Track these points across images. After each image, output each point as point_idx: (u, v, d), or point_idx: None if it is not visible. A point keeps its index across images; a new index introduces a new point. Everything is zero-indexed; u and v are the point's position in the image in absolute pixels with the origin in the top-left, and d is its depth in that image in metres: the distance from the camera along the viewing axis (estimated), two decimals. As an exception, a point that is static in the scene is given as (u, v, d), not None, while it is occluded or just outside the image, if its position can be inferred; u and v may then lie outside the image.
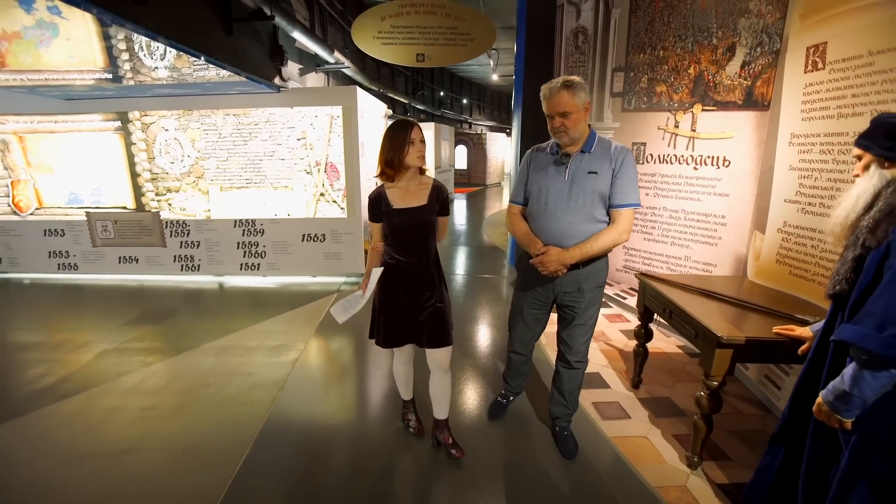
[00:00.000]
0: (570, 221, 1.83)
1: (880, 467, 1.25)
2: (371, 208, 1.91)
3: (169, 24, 2.36)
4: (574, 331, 2.02)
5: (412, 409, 2.33)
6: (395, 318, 1.95)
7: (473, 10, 5.16)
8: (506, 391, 2.46)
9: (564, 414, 2.20)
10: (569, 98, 1.75)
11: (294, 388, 2.76)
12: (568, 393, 2.14)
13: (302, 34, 4.70)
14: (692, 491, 1.94)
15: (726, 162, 2.98)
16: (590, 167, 1.82)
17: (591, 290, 1.95)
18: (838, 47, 2.09)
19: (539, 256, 1.84)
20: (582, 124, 1.80)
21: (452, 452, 2.11)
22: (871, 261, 1.23)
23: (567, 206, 1.83)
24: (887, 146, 1.25)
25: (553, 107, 1.78)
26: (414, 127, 1.82)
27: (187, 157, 4.77)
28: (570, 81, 1.77)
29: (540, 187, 1.90)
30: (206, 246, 4.98)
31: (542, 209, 1.89)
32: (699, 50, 3.08)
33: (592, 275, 1.93)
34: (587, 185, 1.81)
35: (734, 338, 1.81)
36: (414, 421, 2.30)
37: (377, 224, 1.94)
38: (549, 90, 1.80)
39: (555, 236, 1.85)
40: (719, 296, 2.26)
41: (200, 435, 2.30)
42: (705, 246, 3.20)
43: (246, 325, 3.76)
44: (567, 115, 1.76)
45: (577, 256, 1.81)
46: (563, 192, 1.84)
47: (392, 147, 1.80)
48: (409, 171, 1.86)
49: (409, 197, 1.88)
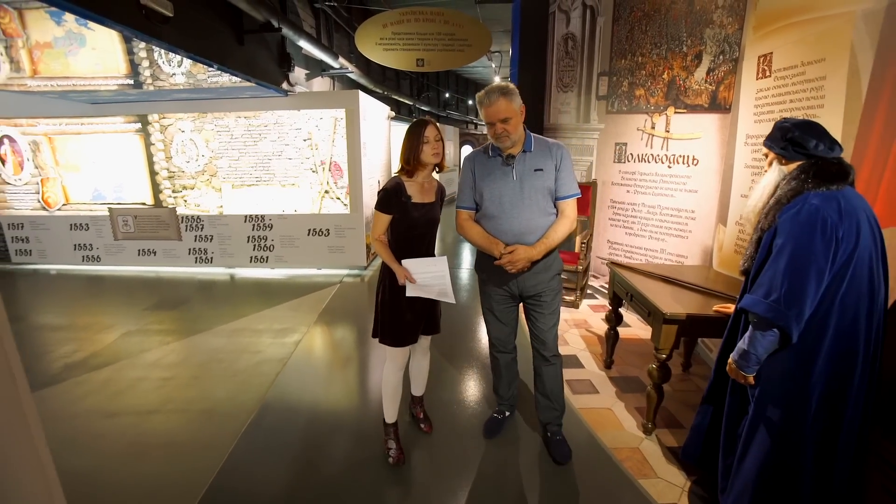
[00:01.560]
0: (527, 218, 1.90)
1: (774, 413, 1.50)
2: (387, 198, 1.89)
3: (188, 38, 2.68)
4: (544, 322, 2.05)
5: (394, 434, 2.12)
6: (407, 318, 1.97)
7: (470, 17, 5.44)
8: (500, 405, 2.39)
9: (554, 417, 2.19)
10: (507, 104, 1.80)
11: (296, 364, 3.07)
12: (552, 393, 2.15)
13: (308, 43, 5.01)
14: (643, 451, 2.20)
15: (695, 160, 3.22)
16: (534, 165, 1.89)
17: (553, 278, 2.03)
18: (781, 57, 2.33)
19: (506, 256, 1.87)
20: (520, 127, 1.87)
21: (422, 427, 2.30)
22: (765, 241, 1.49)
23: (522, 203, 1.89)
24: (782, 146, 1.51)
25: (494, 114, 1.81)
26: (428, 125, 1.86)
27: (202, 157, 5.12)
28: (506, 88, 1.82)
29: (492, 190, 1.92)
30: (219, 240, 5.32)
31: (498, 210, 1.92)
32: (672, 57, 3.32)
33: (552, 265, 2.01)
34: (536, 182, 1.88)
35: (677, 314, 2.06)
36: (395, 450, 2.09)
37: (386, 216, 1.92)
38: (487, 98, 1.83)
39: (516, 234, 1.90)
40: (674, 280, 2.51)
41: (214, 400, 2.62)
42: (678, 239, 3.44)
43: (254, 312, 4.08)
44: (507, 121, 1.81)
45: (542, 251, 1.88)
46: (516, 191, 1.89)
47: (409, 146, 1.86)
48: (427, 169, 1.92)
49: (425, 193, 1.95)
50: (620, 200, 3.97)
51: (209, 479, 1.99)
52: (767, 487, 1.52)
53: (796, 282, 1.35)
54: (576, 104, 4.44)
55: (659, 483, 1.99)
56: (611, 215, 4.10)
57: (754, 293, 1.45)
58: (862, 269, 1.35)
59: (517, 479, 2.03)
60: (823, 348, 1.40)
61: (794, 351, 1.43)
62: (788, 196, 1.44)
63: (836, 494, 1.46)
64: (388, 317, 1.98)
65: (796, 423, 1.46)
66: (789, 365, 1.45)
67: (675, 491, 1.95)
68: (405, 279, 1.89)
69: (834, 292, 1.36)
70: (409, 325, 1.99)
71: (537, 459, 2.15)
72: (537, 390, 2.20)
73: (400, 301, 1.94)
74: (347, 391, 2.81)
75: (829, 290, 1.36)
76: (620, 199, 3.96)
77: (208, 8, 3.06)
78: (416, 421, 2.35)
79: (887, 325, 1.44)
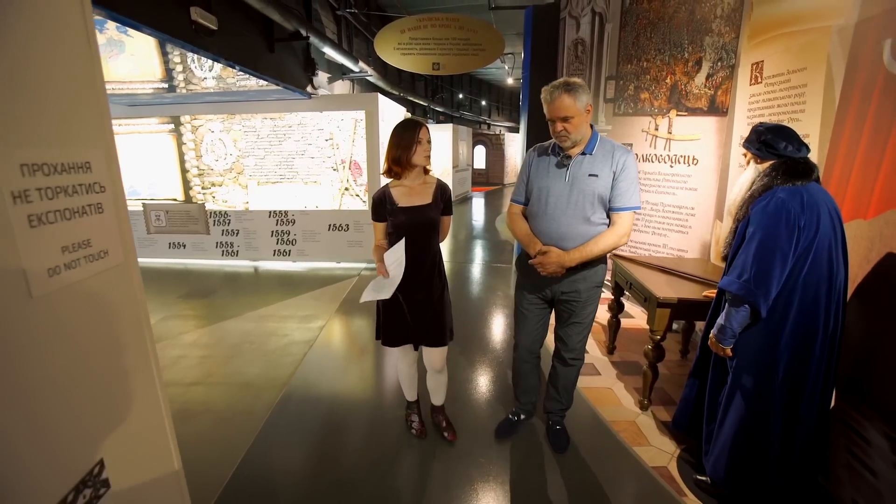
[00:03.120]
0: (568, 223, 1.81)
1: (748, 381, 1.71)
2: (375, 207, 1.93)
3: (228, 48, 2.96)
4: (571, 329, 2.00)
5: (416, 409, 2.32)
6: (397, 318, 1.98)
7: (484, 22, 5.67)
8: (517, 409, 2.34)
9: (558, 409, 2.21)
10: (570, 101, 1.69)
11: (321, 346, 3.34)
12: (563, 388, 2.14)
13: (331, 49, 5.31)
14: (638, 424, 2.42)
15: (695, 160, 3.41)
16: (590, 170, 1.79)
17: (588, 290, 1.92)
18: (770, 65, 2.52)
19: (539, 257, 1.83)
20: (584, 127, 1.76)
21: (445, 435, 2.25)
22: (740, 230, 1.71)
23: (566, 208, 1.81)
24: (757, 147, 1.72)
25: (555, 111, 1.72)
26: (422, 127, 1.85)
27: (230, 156, 5.44)
28: (571, 84, 1.70)
29: (540, 188, 1.87)
30: (244, 234, 5.64)
31: (541, 210, 1.86)
32: (674, 62, 3.52)
33: (590, 276, 1.91)
34: (586, 187, 1.78)
35: (669, 299, 2.28)
36: (417, 422, 2.29)
37: (381, 224, 1.96)
38: (549, 94, 1.74)
39: (553, 238, 1.84)
40: (669, 270, 2.72)
41: (249, 375, 2.90)
42: (679, 234, 3.63)
43: (279, 300, 4.37)
44: (568, 120, 1.71)
45: (577, 259, 1.80)
46: (563, 193, 1.81)
47: (400, 145, 1.83)
48: (415, 170, 1.89)
49: (414, 195, 1.90)
50: (626, 198, 4.17)
51: (249, 442, 2.26)
52: (742, 447, 1.73)
53: (764, 264, 1.56)
54: (584, 106, 4.64)
55: (651, 450, 2.21)
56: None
57: (729, 275, 1.67)
58: (822, 253, 1.56)
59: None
60: (788, 323, 1.61)
61: (763, 326, 1.64)
62: (760, 190, 1.66)
63: (800, 452, 1.67)
64: (383, 316, 2.02)
65: (766, 390, 1.67)
66: (760, 338, 1.66)
67: (666, 457, 2.16)
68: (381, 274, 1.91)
69: (797, 274, 1.57)
70: (399, 325, 1.99)
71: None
72: (549, 382, 2.21)
73: (391, 302, 1.95)
74: (368, 370, 3.08)
75: (792, 272, 1.57)
76: (626, 197, 4.16)
77: (245, 20, 3.35)
78: (439, 430, 2.29)
79: (846, 305, 1.64)
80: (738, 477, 1.76)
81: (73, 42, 0.83)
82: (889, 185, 1.64)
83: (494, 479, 2.01)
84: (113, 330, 0.94)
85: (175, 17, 2.35)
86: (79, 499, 0.82)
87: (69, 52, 0.82)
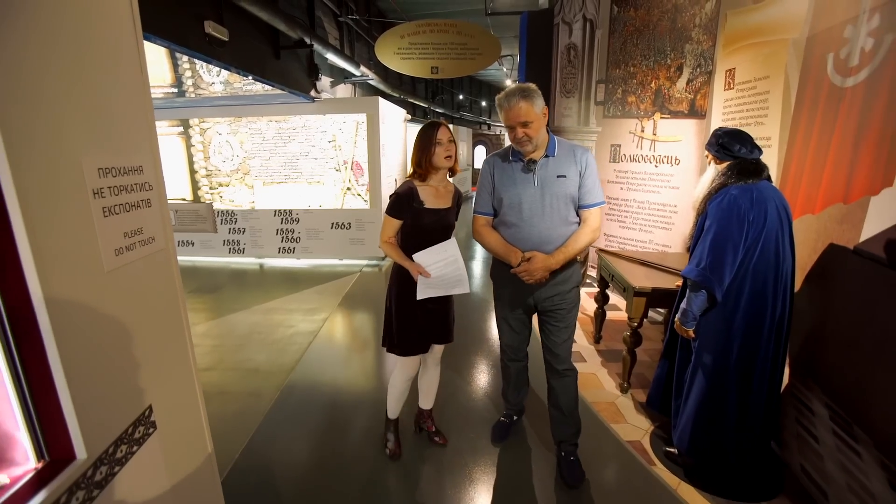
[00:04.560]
0: (547, 227, 1.81)
1: (707, 359, 1.91)
2: (398, 203, 1.83)
3: (239, 57, 3.18)
4: (558, 336, 1.98)
5: (393, 429, 2.18)
6: (413, 326, 1.92)
7: (482, 27, 5.88)
8: (507, 410, 2.37)
9: (569, 435, 2.06)
10: (527, 107, 1.70)
11: (325, 336, 3.56)
12: (566, 407, 2.03)
13: (334, 55, 5.52)
14: (617, 405, 2.62)
15: (677, 160, 3.61)
16: (557, 171, 1.80)
17: (570, 291, 1.94)
18: (741, 72, 2.72)
19: (524, 265, 1.79)
20: (542, 130, 1.77)
21: (436, 440, 2.24)
22: (700, 223, 1.91)
23: (542, 211, 1.81)
24: (716, 150, 1.92)
25: (514, 117, 1.72)
26: (440, 127, 1.81)
27: (236, 157, 5.66)
28: (526, 89, 1.71)
29: (511, 197, 1.83)
30: (251, 232, 5.86)
31: (517, 218, 1.83)
32: (658, 68, 3.72)
33: (571, 277, 1.93)
34: (558, 189, 1.79)
35: (644, 288, 2.48)
36: (392, 443, 2.16)
37: (396, 221, 1.86)
38: (506, 101, 1.73)
39: (535, 243, 1.82)
40: (648, 263, 2.92)
41: (258, 361, 3.11)
42: (663, 230, 3.83)
43: (284, 295, 4.59)
44: (528, 125, 1.71)
45: (562, 260, 1.80)
46: (536, 198, 1.81)
47: (420, 148, 1.82)
48: (440, 172, 1.85)
49: (440, 198, 1.87)
50: (615, 197, 4.36)
51: (259, 420, 2.47)
52: (703, 419, 1.93)
53: (718, 254, 1.76)
54: (577, 109, 4.84)
55: (627, 427, 2.42)
56: (607, 210, 4.50)
57: (689, 264, 1.87)
58: (769, 244, 1.76)
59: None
60: (741, 308, 1.81)
61: (719, 310, 1.84)
62: (716, 188, 1.86)
63: (752, 423, 1.87)
64: (397, 325, 1.92)
65: (722, 368, 1.87)
66: (717, 321, 1.86)
67: (640, 432, 2.37)
68: (418, 274, 1.81)
69: (748, 263, 1.77)
70: (420, 332, 1.94)
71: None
72: (550, 403, 2.10)
73: (410, 308, 1.89)
74: (369, 358, 3.29)
75: (743, 261, 1.77)
76: (615, 195, 4.36)
77: (253, 30, 3.57)
78: (429, 435, 2.27)
79: (794, 291, 1.84)
80: (700, 445, 1.96)
81: (132, 74, 1.05)
82: (831, 183, 1.84)
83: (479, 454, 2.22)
84: (157, 301, 1.15)
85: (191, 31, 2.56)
86: (136, 432, 1.03)
87: (130, 83, 1.04)
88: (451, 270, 1.84)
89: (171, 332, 1.21)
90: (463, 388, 2.84)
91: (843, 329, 1.72)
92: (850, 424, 1.64)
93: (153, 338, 1.13)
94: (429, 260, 1.83)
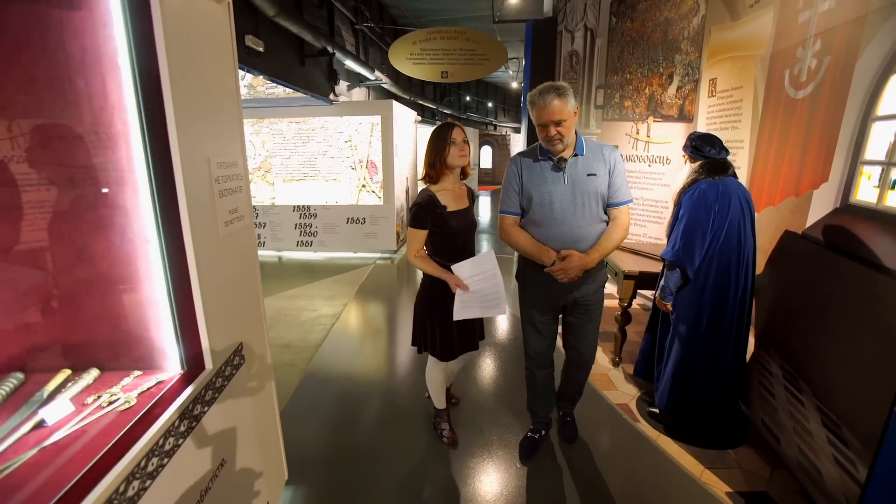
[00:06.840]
0: (580, 225, 1.80)
1: (682, 329, 2.25)
2: (421, 213, 1.83)
3: (271, 66, 3.54)
4: (585, 335, 2.02)
5: (446, 417, 2.28)
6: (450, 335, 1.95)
7: (489, 35, 6.23)
8: (535, 424, 2.29)
9: (568, 402, 2.34)
10: (561, 105, 1.67)
11: (346, 319, 3.93)
12: (576, 384, 2.23)
13: (352, 61, 5.89)
14: (610, 376, 2.96)
15: (668, 160, 3.94)
16: (587, 169, 1.78)
17: (598, 289, 1.95)
18: (721, 82, 3.05)
19: (559, 263, 1.77)
20: (573, 129, 1.76)
21: (452, 401, 2.49)
22: (676, 212, 2.24)
23: (574, 210, 1.79)
24: (690, 150, 2.25)
25: (548, 115, 1.68)
26: (454, 127, 1.83)
27: (258, 156, 6.04)
28: (561, 88, 1.70)
29: (542, 195, 1.80)
30: (270, 226, 6.24)
31: (548, 217, 1.81)
32: (651, 75, 4.05)
33: (599, 277, 1.95)
34: (589, 187, 1.78)
35: (632, 271, 2.82)
36: (448, 430, 2.26)
37: (423, 231, 1.85)
38: (540, 98, 1.70)
39: (567, 242, 1.80)
40: (637, 251, 3.26)
41: (289, 339, 3.48)
42: (656, 225, 4.16)
43: (304, 284, 4.96)
44: (562, 123, 1.69)
45: (597, 258, 1.80)
46: (567, 196, 1.78)
47: (435, 149, 1.84)
48: (454, 173, 1.87)
49: (458, 199, 1.89)
50: (612, 194, 4.70)
51: (295, 384, 2.84)
52: (678, 381, 2.26)
53: (689, 238, 2.10)
54: (579, 112, 5.19)
55: (617, 392, 2.76)
56: (604, 207, 4.84)
57: (667, 247, 2.21)
58: (732, 230, 2.09)
59: None
60: (709, 283, 2.14)
61: (691, 286, 2.17)
62: (689, 184, 2.20)
63: (720, 384, 2.20)
64: (438, 332, 1.96)
65: (694, 336, 2.20)
66: (689, 296, 2.19)
67: (628, 397, 2.71)
68: (456, 288, 1.81)
69: (715, 246, 2.10)
70: (462, 336, 2.00)
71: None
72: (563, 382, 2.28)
73: (448, 321, 1.88)
74: (385, 337, 3.65)
75: (711, 244, 2.10)
76: (612, 193, 4.70)
77: (283, 41, 3.93)
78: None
79: (754, 271, 2.17)
80: (677, 403, 2.29)
81: (231, 91, 1.41)
82: (787, 179, 2.17)
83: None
84: (244, 263, 1.51)
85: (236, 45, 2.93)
86: (235, 359, 1.39)
87: (229, 98, 1.40)
88: (489, 286, 1.83)
89: (251, 288, 1.57)
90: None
91: (793, 301, 2.05)
92: (796, 379, 1.97)
93: (243, 287, 1.49)
94: (468, 272, 1.82)
